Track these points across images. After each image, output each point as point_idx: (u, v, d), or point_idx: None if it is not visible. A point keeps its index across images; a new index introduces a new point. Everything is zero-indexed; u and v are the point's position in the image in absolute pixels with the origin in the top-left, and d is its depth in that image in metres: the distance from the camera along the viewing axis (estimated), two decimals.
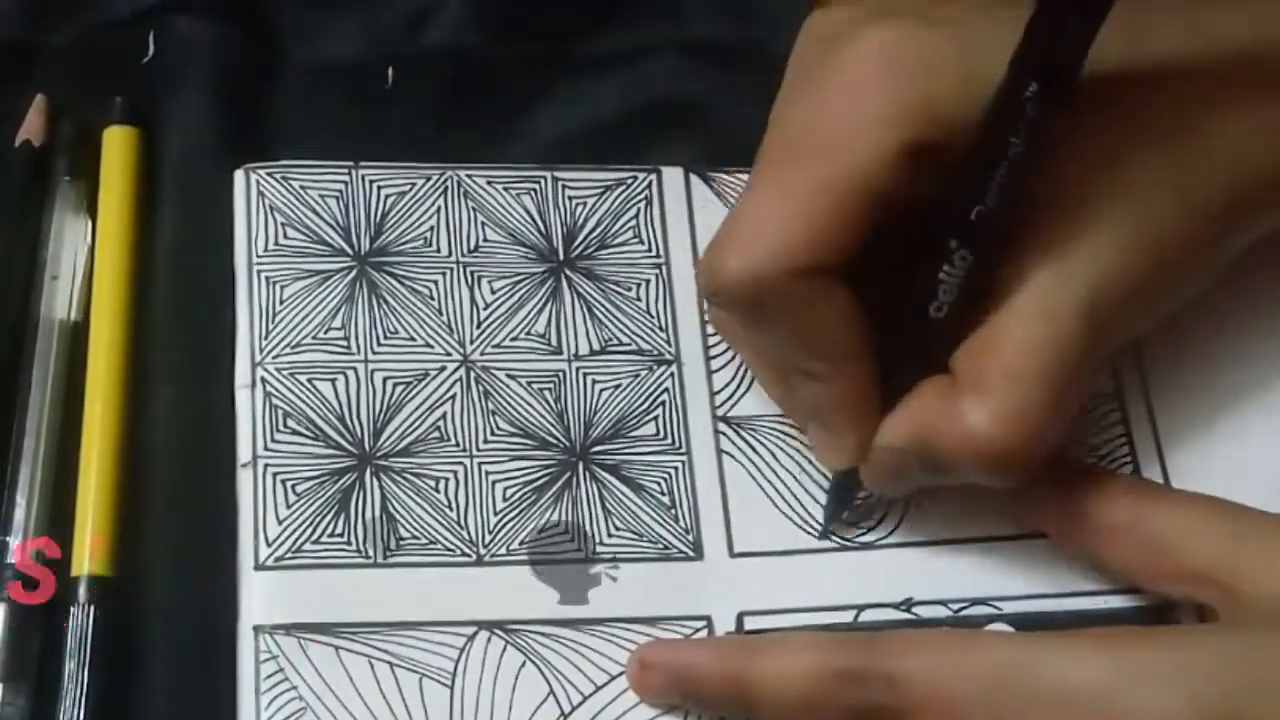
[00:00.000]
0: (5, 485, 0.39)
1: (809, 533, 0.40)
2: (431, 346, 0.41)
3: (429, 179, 0.43)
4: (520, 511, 0.40)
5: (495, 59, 0.45)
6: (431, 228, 0.43)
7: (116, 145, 0.43)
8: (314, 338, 0.41)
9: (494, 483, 0.40)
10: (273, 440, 0.40)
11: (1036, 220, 0.37)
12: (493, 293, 0.42)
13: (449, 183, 0.43)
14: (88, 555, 0.39)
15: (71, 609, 0.38)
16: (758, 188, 0.38)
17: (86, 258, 0.42)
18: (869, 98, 0.36)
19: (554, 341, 0.42)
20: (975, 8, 0.37)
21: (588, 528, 0.40)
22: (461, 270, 0.42)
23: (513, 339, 0.42)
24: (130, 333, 0.41)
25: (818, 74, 0.37)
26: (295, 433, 0.40)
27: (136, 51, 0.45)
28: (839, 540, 0.40)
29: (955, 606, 0.39)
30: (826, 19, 0.39)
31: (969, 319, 0.37)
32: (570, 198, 0.44)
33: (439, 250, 0.42)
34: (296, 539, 0.39)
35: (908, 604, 0.39)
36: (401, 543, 0.39)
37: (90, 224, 0.42)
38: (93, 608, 0.38)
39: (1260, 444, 0.41)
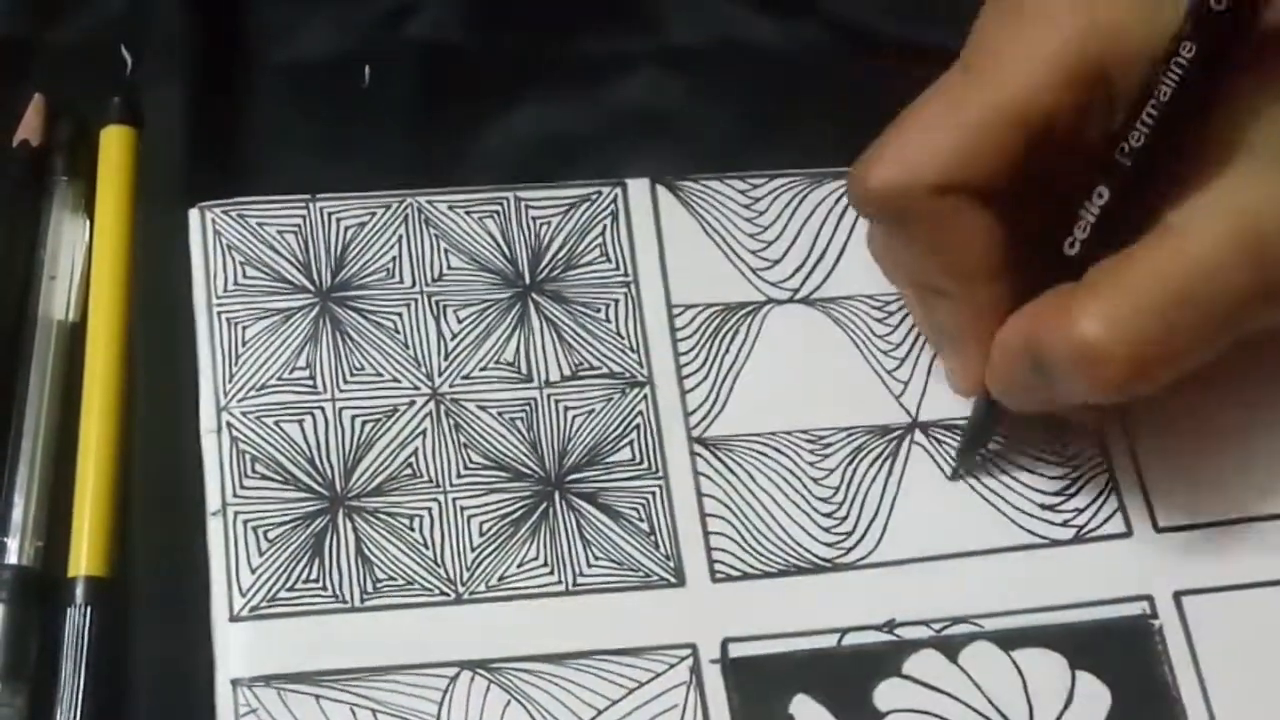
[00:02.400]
0: (3, 485, 0.39)
1: (789, 555, 0.40)
2: (399, 381, 0.41)
3: (389, 208, 0.42)
4: (498, 546, 0.39)
5: (474, 59, 0.45)
6: (394, 258, 0.42)
7: (114, 145, 0.43)
8: (279, 378, 0.40)
9: (469, 518, 0.40)
10: (241, 487, 0.39)
11: (1202, 167, 0.36)
12: (459, 322, 0.41)
13: (409, 210, 0.42)
14: (85, 556, 0.39)
15: (68, 609, 0.38)
16: (921, 102, 0.38)
17: (84, 258, 0.42)
18: (1049, 24, 0.36)
19: (524, 369, 0.41)
20: None
21: (567, 559, 0.39)
22: (426, 300, 0.42)
23: (482, 369, 0.41)
24: (127, 333, 0.41)
25: (1009, 5, 0.37)
26: (264, 477, 0.39)
27: (132, 50, 0.45)
28: (816, 560, 0.40)
29: (937, 626, 0.39)
30: None
31: (1103, 257, 0.37)
32: (534, 218, 0.43)
33: (402, 281, 0.42)
34: (271, 587, 0.38)
35: (890, 625, 0.39)
36: (378, 585, 0.39)
37: (88, 224, 0.42)
38: (89, 608, 0.38)
39: (1240, 443, 0.41)
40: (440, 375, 0.41)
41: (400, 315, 0.41)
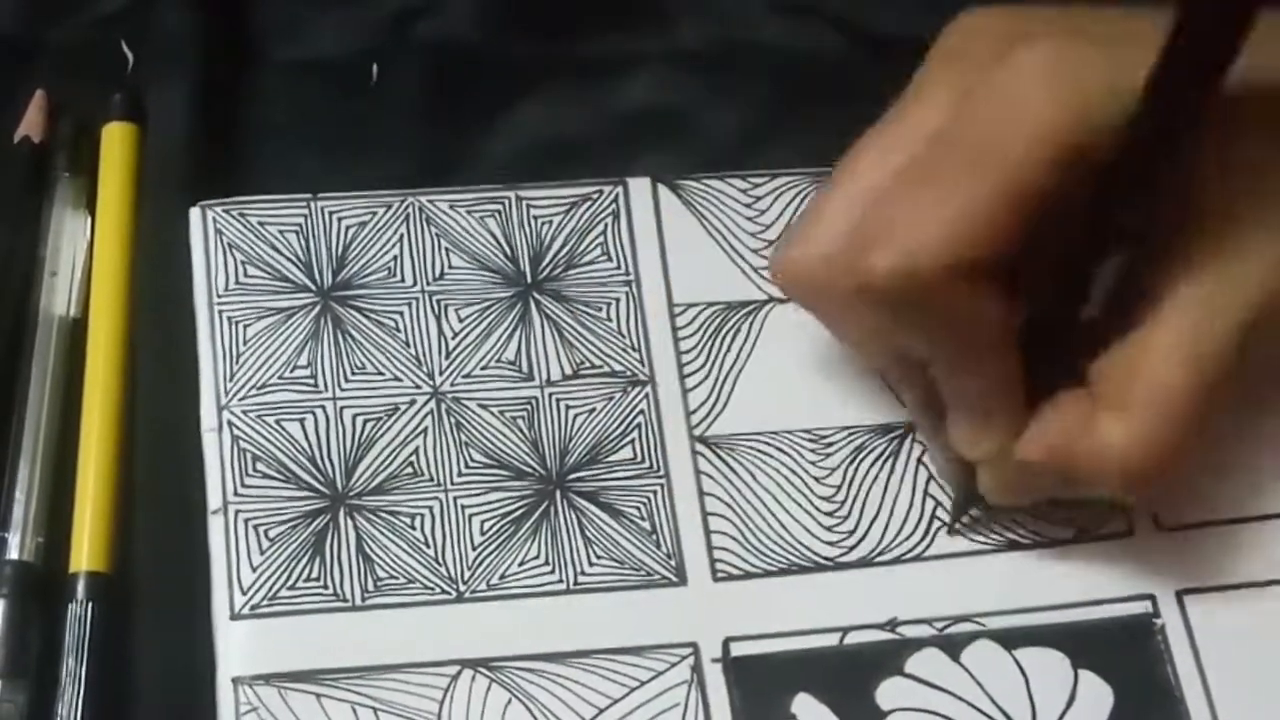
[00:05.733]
0: (4, 481, 0.39)
1: (791, 554, 0.40)
2: (400, 380, 0.41)
3: (389, 207, 0.42)
4: (499, 545, 0.39)
5: (482, 58, 0.45)
6: (395, 257, 0.42)
7: (115, 141, 0.43)
8: (280, 377, 0.40)
9: (470, 516, 0.40)
10: (243, 485, 0.39)
11: (1189, 238, 0.37)
12: (460, 321, 0.41)
13: (410, 210, 0.42)
14: (85, 550, 0.39)
15: (69, 605, 0.38)
16: (904, 191, 0.37)
17: (86, 254, 0.42)
18: (1028, 108, 0.36)
19: (525, 368, 0.41)
20: (1125, 31, 0.37)
21: (568, 558, 0.39)
22: (427, 299, 0.42)
23: (483, 367, 0.41)
24: (129, 328, 0.41)
25: (978, 90, 0.37)
26: (265, 476, 0.39)
27: (134, 47, 0.45)
28: (818, 559, 0.40)
29: (939, 625, 0.39)
30: (967, 40, 0.39)
31: (1112, 327, 0.37)
32: (535, 217, 0.43)
33: (403, 280, 0.42)
34: (272, 586, 0.38)
35: (892, 624, 0.39)
36: (379, 583, 0.39)
37: (89, 220, 0.42)
38: (90, 604, 0.38)
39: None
40: (441, 374, 0.41)
41: (401, 314, 0.41)
